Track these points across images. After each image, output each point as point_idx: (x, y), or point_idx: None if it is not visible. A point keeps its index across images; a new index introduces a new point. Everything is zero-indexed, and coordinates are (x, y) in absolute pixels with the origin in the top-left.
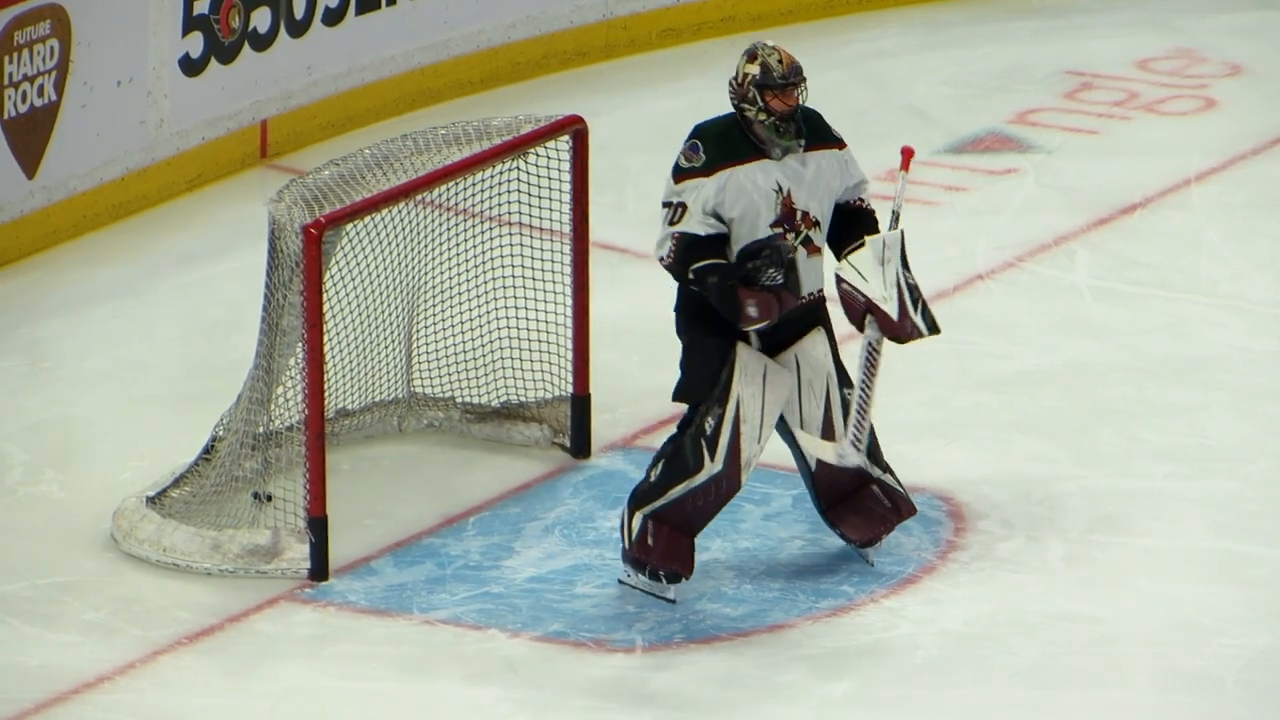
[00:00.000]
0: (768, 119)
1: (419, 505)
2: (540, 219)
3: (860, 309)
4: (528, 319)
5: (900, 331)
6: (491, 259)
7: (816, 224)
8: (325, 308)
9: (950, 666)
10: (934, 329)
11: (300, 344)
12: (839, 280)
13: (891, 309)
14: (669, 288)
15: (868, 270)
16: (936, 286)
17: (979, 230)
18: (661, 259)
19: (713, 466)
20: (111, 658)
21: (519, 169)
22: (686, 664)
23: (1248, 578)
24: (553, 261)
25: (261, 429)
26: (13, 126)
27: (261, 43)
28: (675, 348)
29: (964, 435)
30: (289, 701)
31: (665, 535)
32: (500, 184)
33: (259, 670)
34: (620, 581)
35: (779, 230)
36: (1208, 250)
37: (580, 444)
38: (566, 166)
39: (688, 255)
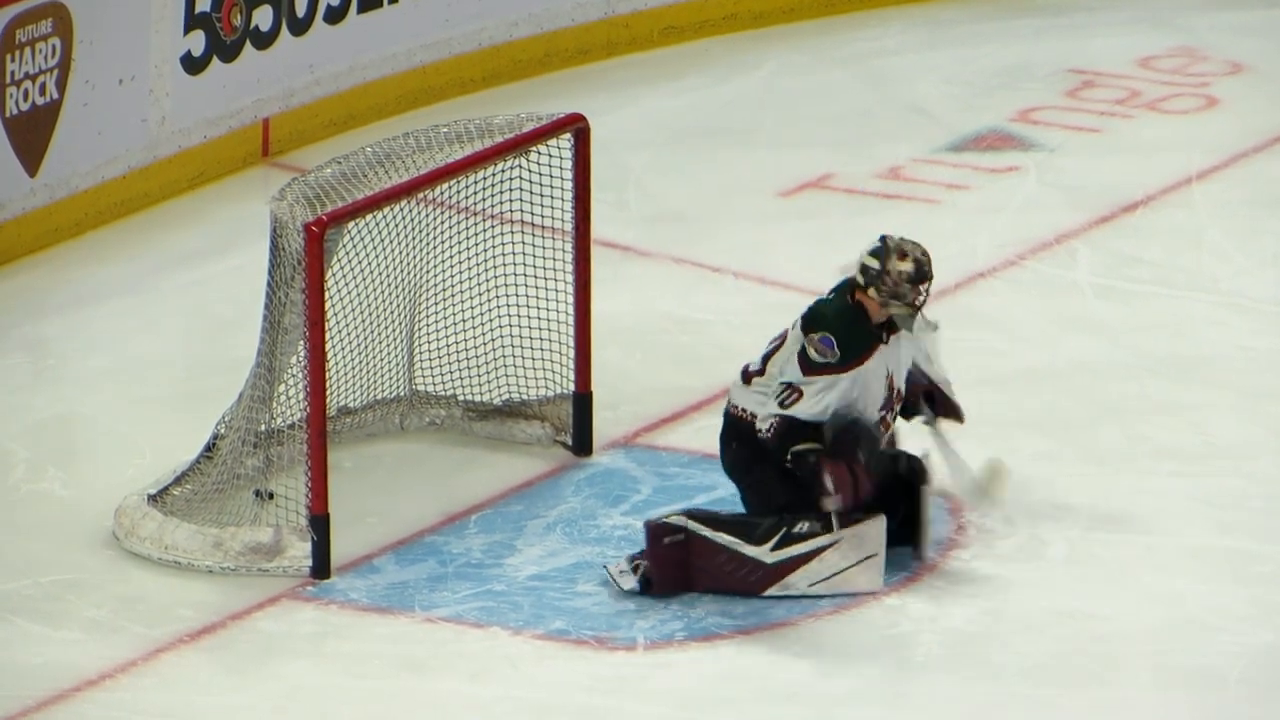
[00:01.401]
0: (906, 311)
1: (421, 503)
2: (542, 217)
3: (921, 393)
4: (529, 317)
5: (957, 415)
6: (493, 257)
7: (902, 397)
8: (327, 306)
9: (952, 664)
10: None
11: (302, 342)
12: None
13: (950, 392)
14: (670, 286)
15: (930, 354)
16: (938, 284)
17: (981, 228)
18: (760, 431)
19: (765, 554)
20: (114, 655)
21: (521, 167)
22: (688, 662)
23: (1250, 575)
24: (554, 259)
25: (263, 427)
26: (14, 124)
27: (263, 41)
28: (676, 345)
29: (966, 433)
30: (291, 699)
31: (677, 559)
32: (502, 182)
33: (261, 668)
34: (604, 567)
35: (883, 413)
36: (1209, 248)
37: (582, 442)
38: (568, 164)
39: (791, 437)
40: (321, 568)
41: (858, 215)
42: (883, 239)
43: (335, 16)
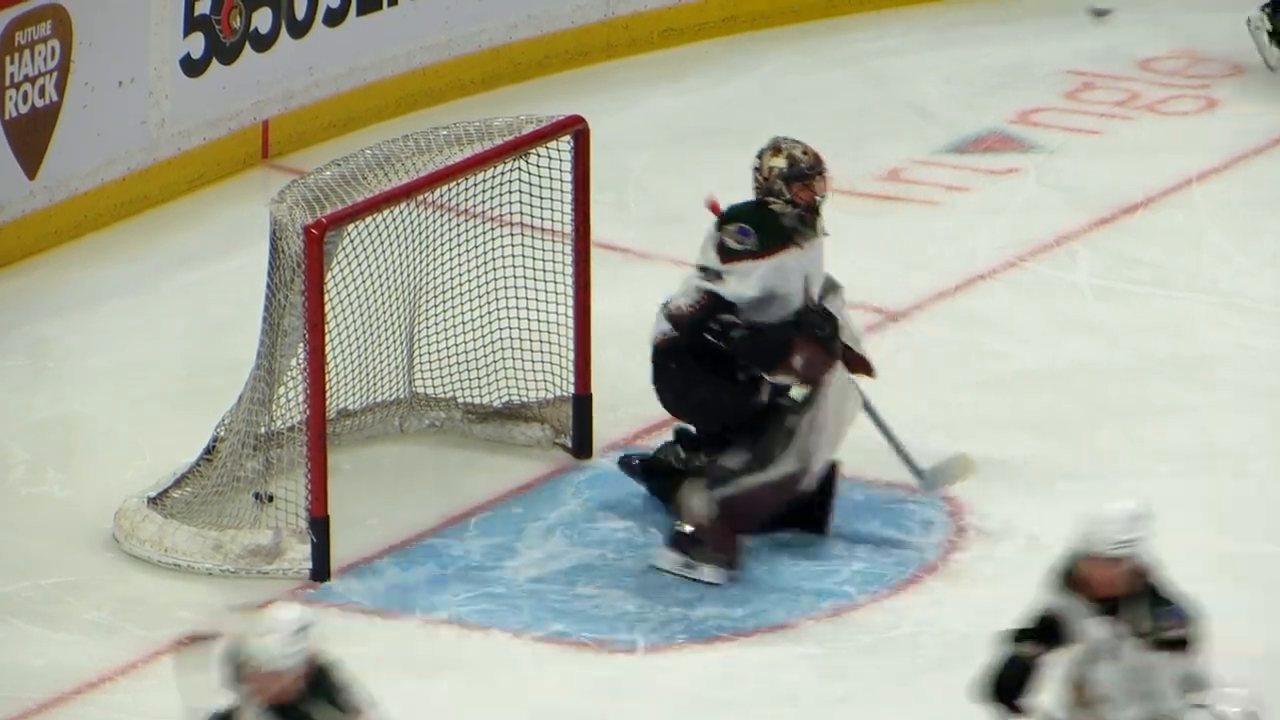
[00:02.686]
0: (793, 210)
1: (421, 505)
2: (541, 219)
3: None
4: (529, 319)
5: (868, 370)
6: (493, 259)
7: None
8: (327, 308)
9: (952, 666)
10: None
11: (302, 344)
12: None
13: (860, 348)
14: (670, 287)
15: (837, 314)
16: (938, 286)
17: (980, 229)
18: (680, 307)
19: (788, 465)
20: (113, 657)
21: (520, 169)
22: (688, 664)
23: (1250, 576)
24: (554, 261)
25: (263, 429)
26: (14, 127)
27: (263, 43)
28: None
29: (966, 434)
30: None
31: (723, 526)
32: (502, 184)
33: None
34: (654, 567)
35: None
36: (1209, 249)
37: (582, 444)
38: (568, 166)
39: (716, 309)
40: (321, 570)
41: (857, 216)
42: (774, 139)
43: (335, 19)
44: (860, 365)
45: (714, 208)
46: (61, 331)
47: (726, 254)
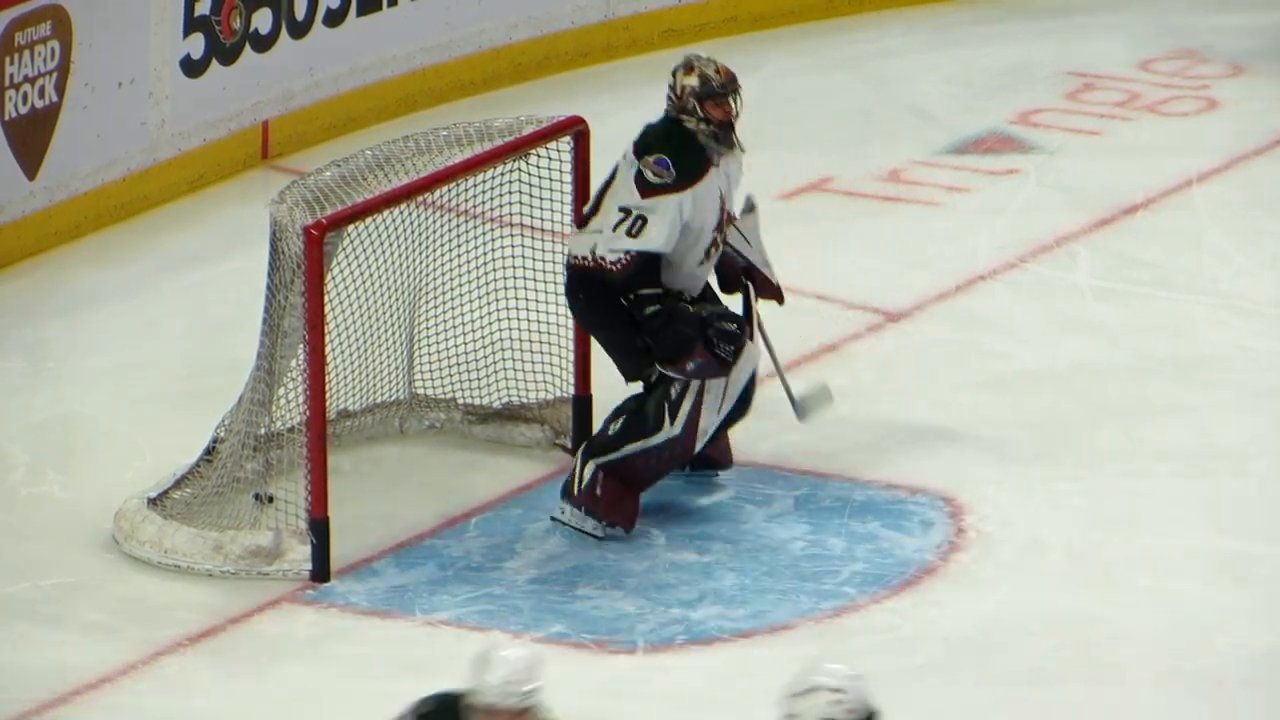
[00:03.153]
0: (707, 128)
1: (420, 506)
2: (542, 220)
3: (740, 271)
4: (529, 320)
5: (777, 296)
6: (493, 260)
7: (731, 220)
8: (326, 309)
9: (952, 667)
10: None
11: (301, 345)
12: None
13: (770, 274)
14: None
15: (748, 235)
16: (938, 286)
17: (980, 230)
18: (605, 261)
19: (671, 429)
20: (113, 658)
21: (520, 170)
22: (688, 665)
23: (1250, 576)
24: (554, 262)
25: (263, 430)
26: (14, 127)
27: (263, 44)
28: None
29: (965, 435)
30: (290, 702)
31: (612, 488)
32: (502, 185)
33: (261, 671)
34: (552, 519)
35: (715, 234)
36: (1209, 250)
37: (581, 445)
38: (568, 167)
39: (639, 280)
40: (321, 571)
41: (858, 218)
42: (686, 57)
43: (335, 19)
44: (770, 291)
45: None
46: (61, 332)
47: (645, 187)
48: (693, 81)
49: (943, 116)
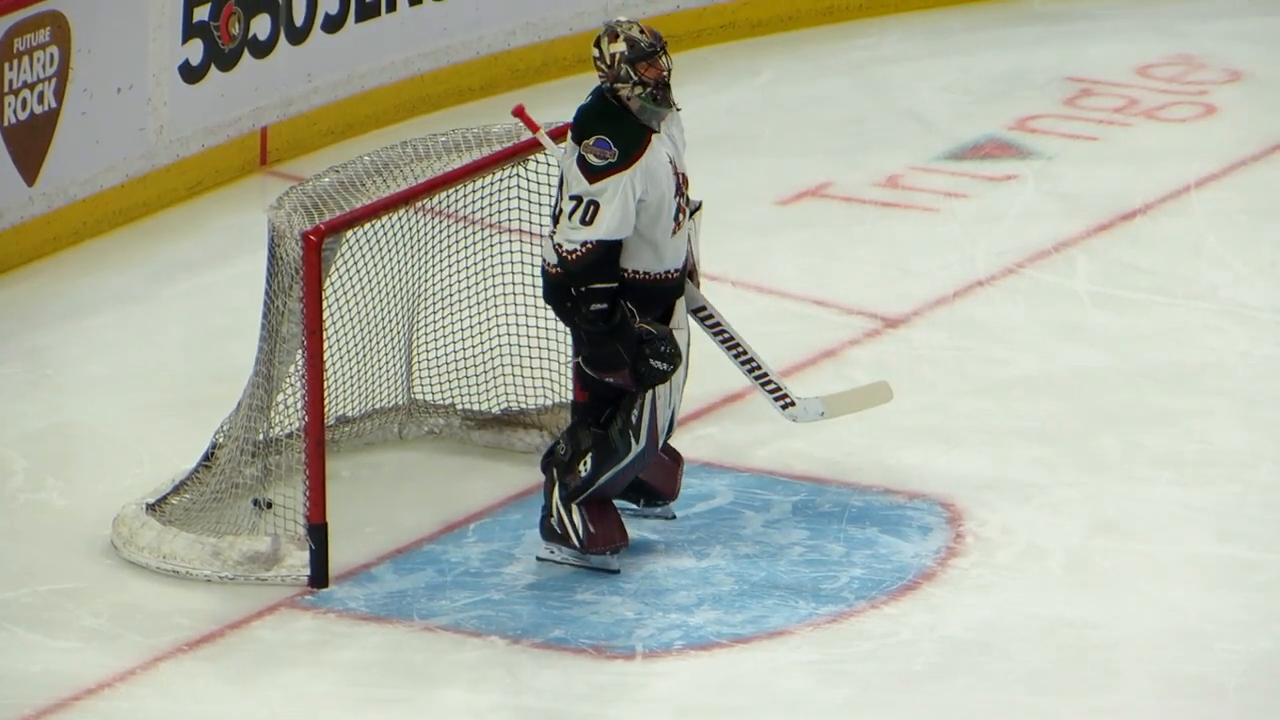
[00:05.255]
0: (644, 91)
1: (419, 512)
2: (540, 225)
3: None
4: (528, 325)
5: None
6: (491, 265)
7: (688, 181)
8: (325, 314)
9: (951, 673)
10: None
11: (300, 351)
12: None
13: (698, 279)
14: None
15: (695, 234)
16: (937, 292)
17: (979, 236)
18: (562, 251)
19: (638, 446)
20: (112, 664)
21: (519, 175)
22: (686, 670)
23: (1248, 583)
24: None
25: (261, 436)
26: (13, 133)
27: (261, 49)
28: None
29: (964, 441)
30: (289, 708)
31: (596, 515)
32: (500, 190)
33: (259, 677)
34: (540, 559)
35: (678, 199)
36: (1208, 256)
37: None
38: None
39: (596, 271)
40: (320, 576)
41: (856, 224)
42: (606, 24)
43: (333, 25)
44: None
45: (519, 113)
46: (60, 338)
47: (591, 171)
48: (620, 47)
49: (941, 123)
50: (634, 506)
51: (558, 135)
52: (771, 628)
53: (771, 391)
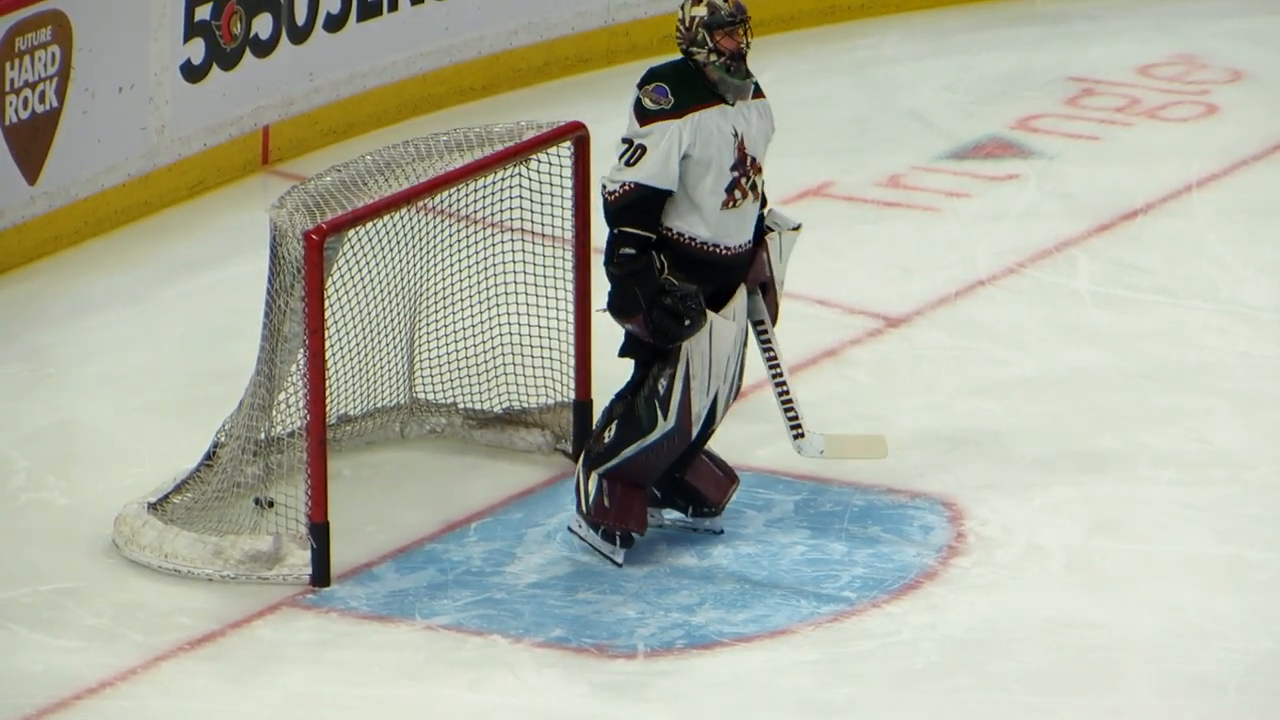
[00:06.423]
0: (718, 60)
1: (421, 511)
2: (542, 225)
3: (761, 279)
4: (529, 325)
5: (775, 318)
6: (493, 265)
7: (760, 170)
8: (327, 313)
9: (952, 672)
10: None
11: (302, 350)
12: (764, 240)
13: (779, 296)
14: None
15: (784, 251)
16: (938, 292)
17: (980, 236)
18: (605, 194)
19: (666, 424)
20: (113, 663)
21: (521, 175)
22: (688, 669)
23: (1250, 582)
24: (554, 267)
25: (263, 435)
26: (14, 133)
27: (263, 49)
28: None
29: (965, 441)
30: (290, 707)
31: (619, 493)
32: (502, 190)
33: (260, 676)
34: (570, 530)
35: (735, 174)
36: (1209, 256)
37: (582, 450)
38: (568, 172)
39: (630, 215)
40: (321, 576)
41: (858, 223)
42: None
43: (335, 24)
44: (774, 307)
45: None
46: (61, 338)
47: (643, 115)
48: (701, 11)
49: (943, 122)
50: (683, 517)
51: (559, 134)
52: (773, 627)
53: (790, 418)
